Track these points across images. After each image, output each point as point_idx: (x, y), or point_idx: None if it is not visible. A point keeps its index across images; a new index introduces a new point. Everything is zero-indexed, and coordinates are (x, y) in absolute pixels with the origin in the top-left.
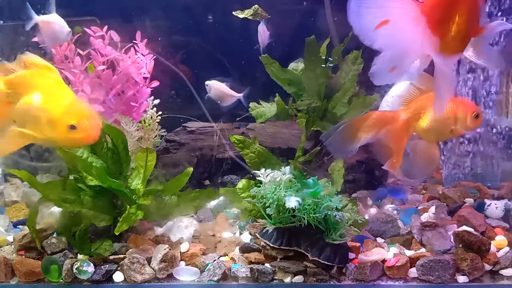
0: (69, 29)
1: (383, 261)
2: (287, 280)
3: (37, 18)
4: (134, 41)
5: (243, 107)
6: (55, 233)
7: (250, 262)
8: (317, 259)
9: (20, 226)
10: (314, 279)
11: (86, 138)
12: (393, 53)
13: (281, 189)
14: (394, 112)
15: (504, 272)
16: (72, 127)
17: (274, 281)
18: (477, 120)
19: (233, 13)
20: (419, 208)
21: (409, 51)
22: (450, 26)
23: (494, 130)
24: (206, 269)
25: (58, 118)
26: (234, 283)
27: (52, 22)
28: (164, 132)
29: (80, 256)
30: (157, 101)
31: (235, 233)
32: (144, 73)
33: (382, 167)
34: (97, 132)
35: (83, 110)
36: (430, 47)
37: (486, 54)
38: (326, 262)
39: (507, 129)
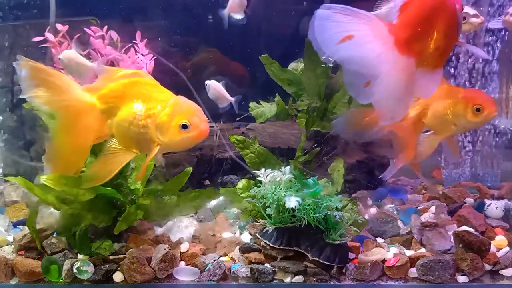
0: None
1: (383, 261)
2: (287, 280)
3: None
4: (134, 41)
5: (243, 107)
6: (55, 233)
7: (250, 262)
8: (317, 259)
9: (20, 226)
10: (314, 279)
11: (199, 135)
12: (356, 68)
13: (281, 189)
14: None
15: (504, 272)
16: (184, 127)
17: (274, 281)
18: (479, 115)
19: None
20: (419, 208)
21: (371, 68)
22: (427, 44)
23: (494, 130)
24: (206, 269)
25: (168, 120)
26: (234, 283)
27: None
28: None
29: (80, 256)
30: None
31: (235, 233)
32: None
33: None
34: (207, 127)
35: (189, 106)
36: (398, 66)
37: None
38: (326, 262)
39: (507, 129)
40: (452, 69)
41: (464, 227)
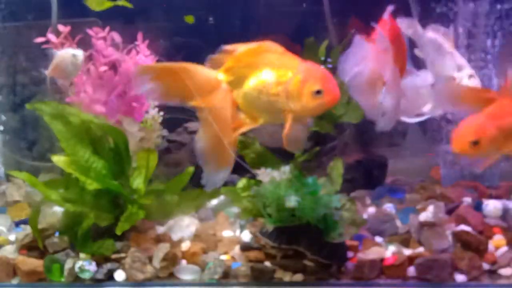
0: None
1: (382, 260)
2: (287, 278)
3: None
4: (135, 42)
5: None
6: (57, 232)
7: (250, 261)
8: (316, 257)
9: (22, 226)
10: (313, 277)
11: (332, 100)
12: None
13: (281, 188)
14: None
15: (502, 271)
16: (318, 92)
17: (274, 279)
18: None
19: None
20: (417, 207)
21: None
22: None
23: None
24: (207, 267)
25: (300, 87)
26: (235, 281)
27: None
28: (166, 132)
29: (82, 255)
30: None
31: (235, 232)
32: None
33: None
34: (339, 91)
35: (321, 72)
36: None
37: None
38: (325, 261)
39: None
40: None
41: (462, 226)
